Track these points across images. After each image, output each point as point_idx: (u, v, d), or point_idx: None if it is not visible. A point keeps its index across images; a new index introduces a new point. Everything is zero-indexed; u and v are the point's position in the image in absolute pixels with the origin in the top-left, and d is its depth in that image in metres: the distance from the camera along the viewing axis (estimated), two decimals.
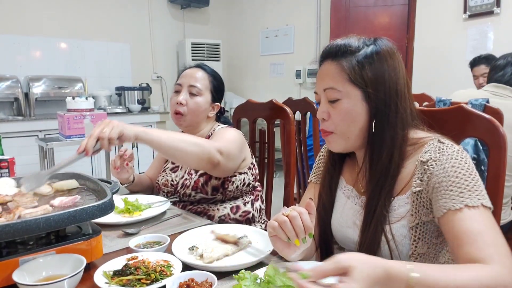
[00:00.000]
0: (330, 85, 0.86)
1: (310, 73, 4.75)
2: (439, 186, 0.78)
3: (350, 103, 0.85)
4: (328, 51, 0.89)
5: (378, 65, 0.84)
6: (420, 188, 0.82)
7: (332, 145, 0.91)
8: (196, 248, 0.92)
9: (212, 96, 1.49)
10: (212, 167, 1.24)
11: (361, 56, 0.85)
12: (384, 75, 0.84)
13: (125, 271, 0.80)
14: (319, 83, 0.90)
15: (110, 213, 0.84)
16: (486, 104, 1.42)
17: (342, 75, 0.85)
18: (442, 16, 3.56)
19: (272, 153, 1.68)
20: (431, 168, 0.80)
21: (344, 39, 0.89)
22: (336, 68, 0.86)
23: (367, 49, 0.85)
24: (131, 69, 4.96)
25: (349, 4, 4.15)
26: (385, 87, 0.84)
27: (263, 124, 1.65)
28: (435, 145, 0.83)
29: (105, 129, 1.02)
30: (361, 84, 0.84)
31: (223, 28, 5.85)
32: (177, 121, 1.47)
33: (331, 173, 1.00)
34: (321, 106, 0.89)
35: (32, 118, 3.83)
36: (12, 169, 1.45)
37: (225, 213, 1.41)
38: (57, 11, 4.33)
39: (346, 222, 0.94)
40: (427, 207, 0.82)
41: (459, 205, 0.74)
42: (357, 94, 0.84)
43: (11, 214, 0.82)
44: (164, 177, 1.51)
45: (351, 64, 0.84)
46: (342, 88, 0.85)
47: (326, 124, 0.89)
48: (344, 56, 0.86)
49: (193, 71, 1.48)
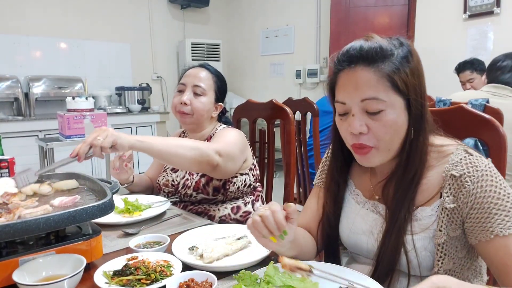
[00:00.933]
0: (371, 95, 0.76)
1: (310, 73, 4.75)
2: (479, 207, 0.75)
3: (394, 113, 0.77)
4: (360, 54, 0.77)
5: (414, 67, 0.78)
6: (454, 205, 0.78)
7: (372, 160, 0.82)
8: (196, 248, 0.92)
9: (216, 96, 1.49)
10: (211, 169, 1.24)
11: (399, 59, 0.77)
12: (419, 77, 0.78)
13: (125, 271, 0.80)
14: (353, 92, 0.78)
15: (110, 213, 0.84)
16: (486, 104, 1.42)
17: (384, 82, 0.76)
18: (442, 16, 3.56)
19: (272, 153, 1.67)
20: (467, 185, 0.76)
21: (371, 40, 0.79)
22: (375, 75, 0.76)
23: (400, 50, 0.78)
24: (131, 69, 4.96)
25: (349, 4, 4.15)
26: (421, 90, 0.78)
27: (263, 124, 1.65)
28: (463, 156, 0.79)
29: (99, 137, 1.01)
30: (404, 91, 0.76)
31: (223, 28, 5.86)
32: (181, 119, 1.47)
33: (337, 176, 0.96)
34: (356, 119, 0.78)
35: (32, 118, 3.83)
36: (12, 169, 1.45)
37: (225, 214, 1.41)
38: (57, 11, 4.33)
39: (360, 229, 0.91)
40: (456, 223, 0.78)
41: (508, 231, 0.73)
42: (401, 102, 0.77)
43: (11, 214, 0.82)
44: (164, 177, 1.51)
45: (392, 69, 0.76)
46: (387, 98, 0.76)
47: (365, 138, 0.79)
48: (382, 60, 0.76)
49: (197, 70, 1.48)
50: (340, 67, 0.81)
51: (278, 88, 5.23)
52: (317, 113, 2.11)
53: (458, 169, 0.78)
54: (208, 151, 1.21)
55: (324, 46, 4.63)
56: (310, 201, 1.05)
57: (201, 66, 1.51)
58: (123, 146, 1.05)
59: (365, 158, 0.82)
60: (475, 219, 0.76)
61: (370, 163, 0.83)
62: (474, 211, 0.76)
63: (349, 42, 0.83)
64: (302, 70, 4.84)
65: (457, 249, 0.81)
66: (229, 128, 1.49)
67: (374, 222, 0.88)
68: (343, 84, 0.80)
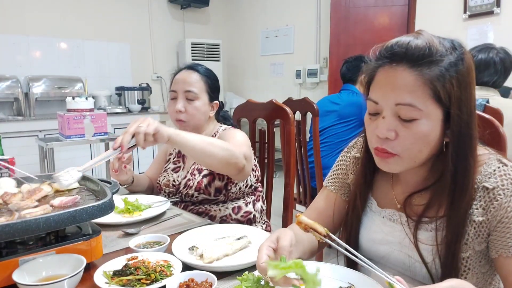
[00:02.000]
0: (407, 100, 0.69)
1: (310, 73, 4.75)
2: (508, 221, 0.71)
3: (429, 125, 0.70)
4: (405, 53, 0.70)
5: (464, 77, 0.70)
6: (483, 218, 0.73)
7: (392, 167, 0.76)
8: (196, 248, 0.92)
9: (209, 96, 1.47)
10: (237, 172, 1.25)
11: (447, 66, 0.69)
12: (468, 90, 0.70)
13: (125, 271, 0.80)
14: (389, 93, 0.71)
15: (110, 213, 0.84)
16: (486, 104, 1.42)
17: (425, 89, 0.68)
18: (442, 16, 3.56)
19: (272, 153, 1.67)
20: (499, 198, 0.71)
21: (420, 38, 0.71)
22: (416, 80, 0.68)
23: (451, 56, 0.70)
24: (131, 69, 4.96)
25: (349, 4, 4.15)
26: (467, 105, 0.70)
27: (263, 124, 1.65)
28: (496, 166, 0.74)
29: (141, 125, 1.02)
30: (446, 103, 0.69)
31: (223, 28, 5.86)
32: (180, 127, 1.45)
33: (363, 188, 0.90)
34: (385, 122, 0.72)
35: (32, 118, 3.83)
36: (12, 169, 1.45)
37: (226, 214, 1.41)
38: (57, 11, 4.33)
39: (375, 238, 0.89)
40: (483, 237, 0.75)
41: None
42: (438, 114, 0.70)
43: (11, 214, 0.82)
44: (165, 177, 1.51)
45: (437, 76, 0.68)
46: (424, 107, 0.69)
47: (391, 144, 0.73)
48: (428, 64, 0.68)
49: (186, 75, 1.45)
50: (380, 63, 0.74)
51: (278, 88, 5.22)
52: (317, 113, 2.11)
53: (492, 181, 0.73)
54: (238, 153, 1.21)
55: (324, 46, 4.62)
56: (317, 201, 1.03)
57: (189, 68, 1.48)
58: (162, 135, 1.05)
59: (385, 163, 0.76)
60: (501, 233, 0.72)
61: (390, 170, 0.78)
62: (502, 224, 0.72)
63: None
64: (302, 70, 4.84)
65: (481, 264, 0.77)
66: (232, 129, 1.48)
67: (392, 231, 0.86)
68: (380, 82, 0.74)
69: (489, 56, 1.84)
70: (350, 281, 0.77)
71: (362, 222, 0.93)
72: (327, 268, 0.83)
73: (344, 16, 4.18)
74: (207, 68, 1.51)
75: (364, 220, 0.92)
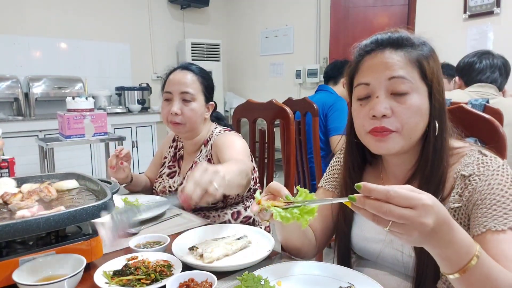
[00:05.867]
0: (400, 74, 0.75)
1: (310, 73, 4.75)
2: (481, 203, 0.73)
3: (419, 98, 0.76)
4: (389, 40, 0.79)
5: (437, 63, 0.79)
6: (459, 205, 0.76)
7: (390, 144, 0.78)
8: (196, 248, 0.92)
9: (205, 97, 1.43)
10: (246, 189, 1.22)
11: (426, 51, 0.78)
12: (440, 75, 0.79)
13: (125, 271, 0.80)
14: (381, 72, 0.77)
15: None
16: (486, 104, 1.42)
17: (413, 66, 0.76)
18: (442, 16, 3.56)
19: (272, 153, 1.67)
20: (474, 183, 0.74)
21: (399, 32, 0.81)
22: (404, 58, 0.77)
23: (425, 46, 0.80)
24: (131, 69, 4.96)
25: (349, 4, 4.15)
26: (441, 87, 0.79)
27: (263, 124, 1.65)
28: (476, 157, 0.77)
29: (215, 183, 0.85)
30: (429, 79, 0.77)
31: (223, 28, 5.85)
32: (175, 130, 1.42)
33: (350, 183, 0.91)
34: (380, 101, 0.76)
35: (32, 118, 3.82)
36: (12, 169, 1.45)
37: (226, 220, 1.40)
38: (57, 11, 4.33)
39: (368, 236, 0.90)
40: (464, 224, 0.76)
41: (502, 226, 0.69)
42: (424, 90, 0.77)
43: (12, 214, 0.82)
44: (161, 183, 1.49)
45: (422, 55, 0.77)
46: (414, 81, 0.76)
47: (389, 121, 0.76)
48: (409, 47, 0.77)
49: (181, 75, 1.40)
50: (367, 50, 0.80)
51: (278, 88, 5.22)
52: (317, 113, 2.11)
53: (469, 169, 0.76)
54: (249, 172, 1.17)
55: (324, 46, 4.62)
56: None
57: (183, 68, 1.43)
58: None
59: (384, 142, 0.78)
60: (475, 214, 0.74)
61: (388, 149, 0.79)
62: (476, 206, 0.74)
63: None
64: (302, 70, 4.84)
65: None
66: (228, 133, 1.42)
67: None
68: (369, 65, 0.79)
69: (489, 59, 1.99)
70: (350, 281, 0.77)
71: (355, 220, 0.94)
72: (327, 268, 0.83)
73: (344, 16, 4.18)
74: (201, 67, 1.47)
75: (356, 219, 0.94)
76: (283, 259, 0.91)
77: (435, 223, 0.55)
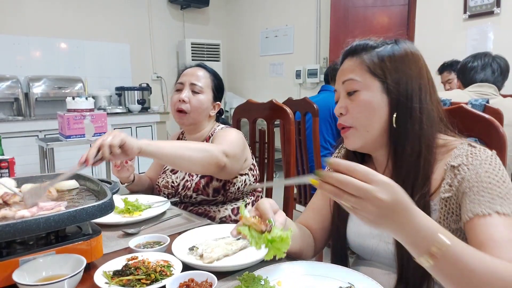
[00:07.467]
0: (348, 76, 0.86)
1: (310, 73, 4.75)
2: (469, 190, 0.74)
3: (368, 94, 0.83)
4: (349, 50, 0.89)
5: (399, 59, 0.83)
6: (449, 194, 0.78)
7: (350, 140, 0.87)
8: (196, 248, 0.92)
9: (214, 94, 1.49)
10: (219, 170, 1.23)
11: (382, 51, 0.85)
12: (405, 69, 0.83)
13: (125, 271, 0.79)
14: (338, 78, 0.89)
15: (110, 213, 0.84)
16: (486, 104, 1.42)
17: (362, 66, 0.85)
18: (442, 16, 3.56)
19: (272, 153, 1.67)
20: (463, 173, 0.76)
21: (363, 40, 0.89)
22: (355, 62, 0.86)
23: (388, 46, 0.86)
24: (131, 69, 4.96)
25: (349, 4, 4.15)
26: (407, 80, 0.82)
27: (263, 124, 1.65)
28: (465, 149, 0.79)
29: (107, 138, 0.99)
30: (380, 75, 0.83)
31: (223, 28, 5.86)
32: (179, 119, 1.46)
33: None
34: (339, 102, 0.88)
35: (32, 118, 3.82)
36: (12, 169, 1.45)
37: (226, 215, 1.41)
38: (57, 11, 4.33)
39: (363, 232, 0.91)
40: (456, 213, 0.77)
41: (488, 210, 0.70)
42: (377, 85, 0.83)
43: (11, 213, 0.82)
44: (164, 178, 1.51)
45: (371, 56, 0.85)
46: (361, 79, 0.84)
47: (344, 118, 0.87)
48: (364, 51, 0.86)
49: (194, 70, 1.48)
50: (340, 64, 0.92)
51: (278, 88, 5.22)
52: (317, 113, 2.11)
53: (458, 160, 0.78)
54: (216, 152, 1.20)
55: (324, 46, 4.63)
56: (313, 201, 1.05)
57: (198, 65, 1.52)
58: (131, 146, 1.01)
59: (345, 139, 0.88)
60: (464, 203, 0.75)
61: (350, 144, 0.88)
62: (465, 195, 0.75)
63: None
64: (302, 70, 4.84)
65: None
66: (228, 128, 1.49)
67: None
68: (337, 76, 0.91)
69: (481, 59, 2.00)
70: (350, 281, 0.77)
71: (350, 217, 0.95)
72: (327, 268, 0.83)
73: (344, 17, 4.18)
74: (214, 69, 1.56)
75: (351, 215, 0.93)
76: (283, 259, 0.91)
77: (391, 200, 0.56)
